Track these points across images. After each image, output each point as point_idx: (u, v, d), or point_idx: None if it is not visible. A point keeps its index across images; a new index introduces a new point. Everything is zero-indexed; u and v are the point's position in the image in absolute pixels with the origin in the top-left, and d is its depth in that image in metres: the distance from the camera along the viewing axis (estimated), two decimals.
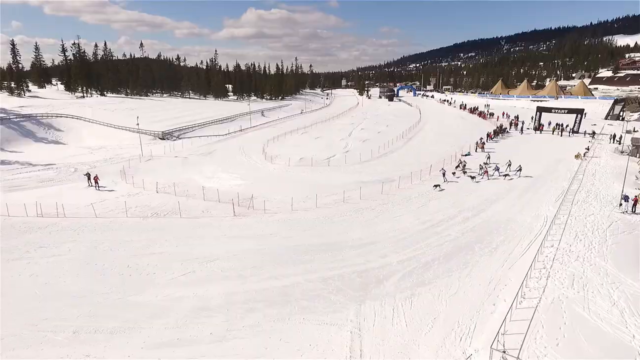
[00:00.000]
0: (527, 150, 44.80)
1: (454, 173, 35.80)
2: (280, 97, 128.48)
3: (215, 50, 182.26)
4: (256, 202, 30.28)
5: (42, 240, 24.58)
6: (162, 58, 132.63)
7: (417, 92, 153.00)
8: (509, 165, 35.56)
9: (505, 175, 34.27)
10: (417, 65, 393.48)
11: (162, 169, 43.13)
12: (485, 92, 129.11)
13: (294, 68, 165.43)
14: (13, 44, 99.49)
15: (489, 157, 39.76)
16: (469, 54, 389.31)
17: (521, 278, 17.65)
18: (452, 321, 15.53)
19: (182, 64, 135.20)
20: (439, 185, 32.71)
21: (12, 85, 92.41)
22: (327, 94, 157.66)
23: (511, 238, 22.57)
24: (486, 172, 34.96)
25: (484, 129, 56.93)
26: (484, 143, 46.10)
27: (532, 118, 60.04)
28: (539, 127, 56.21)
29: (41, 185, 37.43)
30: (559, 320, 15.06)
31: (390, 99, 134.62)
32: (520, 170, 34.51)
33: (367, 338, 14.87)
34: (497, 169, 35.53)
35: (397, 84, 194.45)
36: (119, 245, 23.60)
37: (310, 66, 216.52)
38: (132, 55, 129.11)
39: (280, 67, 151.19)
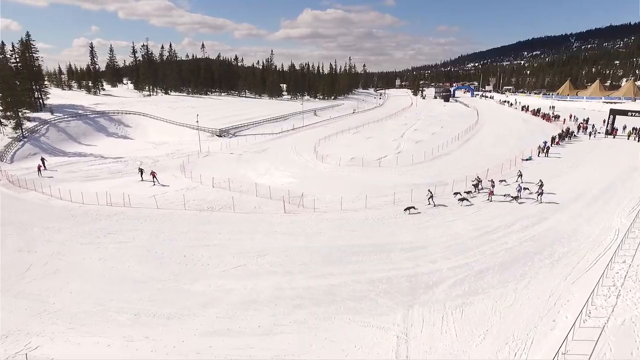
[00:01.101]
0: (597, 156, 41.33)
1: (468, 192, 30.60)
2: (332, 97, 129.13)
3: (271, 51, 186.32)
4: (306, 201, 30.65)
5: (111, 227, 26.66)
6: (222, 58, 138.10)
7: (475, 93, 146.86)
8: (541, 185, 29.00)
9: (515, 197, 28.59)
10: (476, 64, 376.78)
11: (218, 164, 44.99)
12: (551, 93, 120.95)
13: (347, 68, 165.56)
14: (92, 47, 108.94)
15: (520, 175, 33.10)
16: (534, 53, 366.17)
17: (586, 294, 16.29)
18: (506, 335, 14.72)
19: (239, 64, 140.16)
20: (412, 208, 27.70)
21: (90, 84, 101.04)
22: (380, 94, 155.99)
23: (576, 250, 20.93)
24: (491, 192, 29.66)
25: (548, 133, 53.30)
26: (548, 147, 43.16)
27: (604, 121, 55.17)
28: (611, 132, 51.58)
29: (111, 176, 40.58)
30: (630, 345, 13.72)
31: (446, 99, 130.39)
32: (541, 194, 28.22)
33: (414, 344, 14.52)
34: (520, 189, 29.29)
35: (454, 84, 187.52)
36: (177, 235, 24.99)
37: (364, 66, 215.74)
38: (194, 55, 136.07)
39: (334, 67, 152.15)
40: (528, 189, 29.56)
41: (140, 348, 14.62)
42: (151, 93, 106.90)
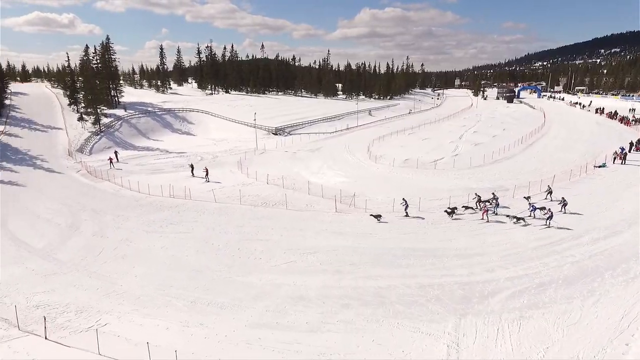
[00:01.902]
0: None
1: (467, 208, 27.66)
2: (388, 97, 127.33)
3: (328, 51, 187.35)
4: (358, 200, 30.52)
5: (172, 218, 28.39)
6: (280, 58, 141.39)
7: (543, 94, 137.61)
8: (564, 205, 26.31)
9: (518, 218, 25.30)
10: (544, 63, 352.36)
11: (273, 162, 46.14)
12: (632, 95, 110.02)
13: (404, 67, 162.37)
14: (161, 49, 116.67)
15: (550, 192, 29.42)
16: (612, 50, 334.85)
17: None
18: (569, 354, 13.65)
19: (296, 64, 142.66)
20: (380, 217, 26.60)
21: (158, 83, 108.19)
22: (438, 94, 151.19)
23: None
24: (485, 210, 26.50)
25: (626, 138, 48.54)
26: (625, 154, 39.28)
27: None
28: None
29: (174, 170, 43.13)
30: None
31: (510, 100, 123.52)
32: (550, 218, 24.27)
33: (466, 355, 13.94)
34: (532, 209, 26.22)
35: (519, 84, 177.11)
36: (232, 228, 26.03)
37: (422, 65, 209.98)
38: (254, 56, 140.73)
39: (391, 67, 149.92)
40: (545, 208, 25.47)
41: (195, 334, 15.43)
42: (213, 92, 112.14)
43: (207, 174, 38.83)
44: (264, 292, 18.40)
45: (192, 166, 41.31)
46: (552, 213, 24.37)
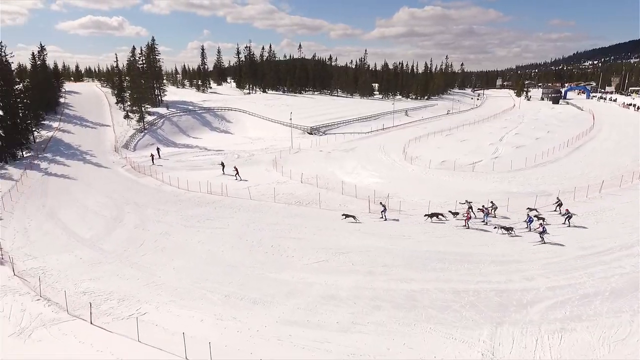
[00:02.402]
0: None
1: (455, 214, 26.55)
2: (426, 97, 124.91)
3: (365, 50, 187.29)
4: (392, 202, 30.13)
5: (209, 214, 29.23)
6: (316, 58, 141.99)
7: (592, 94, 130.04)
8: (568, 217, 24.89)
9: (507, 229, 23.97)
10: (595, 62, 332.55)
11: (308, 161, 46.46)
12: None
13: (443, 67, 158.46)
14: (203, 49, 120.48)
15: (559, 204, 27.64)
16: None
17: None
18: None
19: (333, 63, 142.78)
20: (354, 217, 26.59)
21: (199, 83, 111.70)
22: (479, 95, 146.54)
23: None
24: (468, 217, 25.47)
25: None
26: None
27: None
28: None
29: (212, 167, 44.31)
30: None
31: (555, 101, 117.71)
32: (543, 233, 22.63)
33: None
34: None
35: (566, 85, 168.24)
36: (266, 226, 26.47)
37: (462, 65, 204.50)
38: (291, 56, 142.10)
39: (429, 66, 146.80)
40: (544, 219, 24.36)
41: (228, 327, 15.83)
42: (251, 91, 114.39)
43: (237, 172, 39.64)
44: (295, 289, 18.59)
45: (222, 164, 42.36)
46: (544, 228, 22.81)
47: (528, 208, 26.71)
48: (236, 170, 39.81)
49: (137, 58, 76.76)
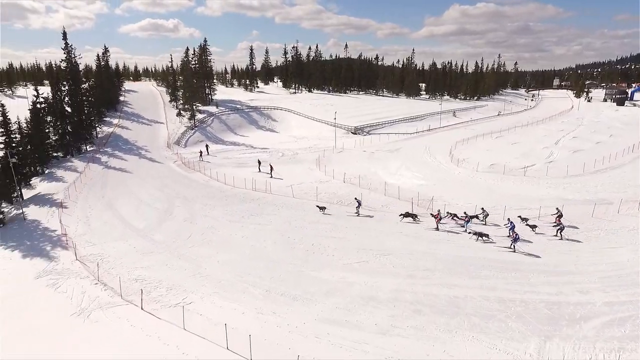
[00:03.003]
0: None
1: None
2: (475, 97, 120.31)
3: (413, 49, 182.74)
4: (436, 205, 29.40)
5: (253, 210, 30.01)
6: (363, 58, 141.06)
7: None
8: (560, 229, 23.91)
9: (481, 235, 23.64)
10: None
11: (351, 161, 46.36)
12: None
13: (495, 66, 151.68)
14: (251, 50, 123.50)
15: (559, 216, 25.50)
16: None
17: None
18: None
19: (379, 63, 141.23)
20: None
21: (247, 82, 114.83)
22: (533, 95, 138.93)
23: None
24: (439, 219, 25.71)
25: None
26: None
27: None
28: None
29: (257, 164, 45.43)
30: None
31: (620, 102, 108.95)
32: (515, 241, 22.15)
33: None
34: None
35: (633, 85, 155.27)
36: (307, 224, 26.76)
37: (515, 64, 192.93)
38: (337, 55, 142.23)
39: (480, 65, 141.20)
40: (536, 226, 24.43)
41: (267, 321, 16.21)
42: (296, 91, 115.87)
43: (271, 170, 40.50)
44: (335, 288, 18.66)
45: (259, 162, 43.45)
46: (517, 236, 22.04)
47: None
48: (271, 167, 40.77)
49: (190, 58, 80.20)
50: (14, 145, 36.91)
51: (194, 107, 65.78)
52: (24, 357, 15.01)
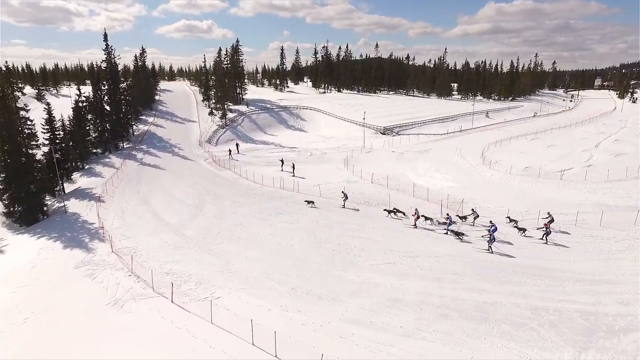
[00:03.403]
0: None
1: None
2: (510, 98, 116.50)
3: (445, 49, 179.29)
4: (466, 207, 28.74)
5: (281, 208, 30.32)
6: (393, 57, 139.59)
7: None
8: (547, 234, 23.43)
9: (457, 234, 24.21)
10: None
11: (379, 161, 45.99)
12: None
13: (531, 65, 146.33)
14: (282, 50, 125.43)
15: (550, 220, 24.28)
16: None
17: None
18: None
19: (410, 63, 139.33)
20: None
21: (277, 82, 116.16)
22: (572, 96, 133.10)
23: None
24: (417, 217, 26.36)
25: None
26: None
27: None
28: None
29: (286, 163, 45.82)
30: None
31: None
32: (491, 241, 22.19)
33: None
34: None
35: None
36: (334, 224, 26.77)
37: (554, 63, 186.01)
38: (367, 55, 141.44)
39: (515, 65, 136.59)
40: (526, 229, 24.37)
41: (293, 319, 16.35)
42: (326, 90, 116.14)
43: (293, 169, 40.98)
44: (360, 289, 18.58)
45: (282, 161, 43.89)
46: (492, 237, 22.15)
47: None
48: (293, 166, 41.28)
49: (223, 59, 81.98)
50: (57, 141, 38.96)
51: (225, 106, 67.20)
52: (62, 340, 15.82)
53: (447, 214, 26.48)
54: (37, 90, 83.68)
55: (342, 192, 31.21)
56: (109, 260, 22.13)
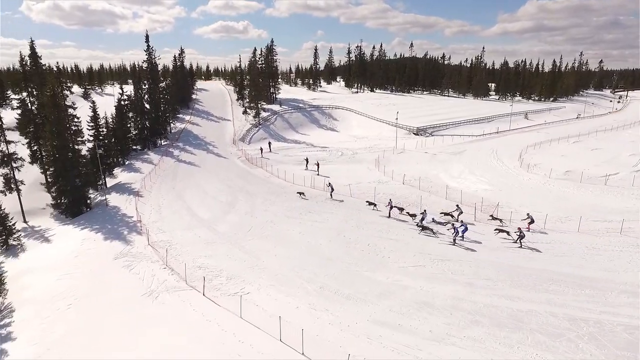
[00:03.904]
0: None
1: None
2: (551, 99, 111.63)
3: (483, 47, 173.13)
4: (501, 212, 27.84)
5: (311, 207, 30.49)
6: (428, 57, 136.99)
7: None
8: (520, 237, 23.13)
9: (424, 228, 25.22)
10: None
11: (411, 162, 45.30)
12: None
13: (575, 64, 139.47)
14: (316, 49, 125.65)
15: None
16: None
17: None
18: None
19: (446, 62, 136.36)
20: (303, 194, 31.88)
21: (310, 81, 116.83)
22: (620, 97, 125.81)
23: None
24: (391, 208, 28.31)
25: None
26: None
27: None
28: None
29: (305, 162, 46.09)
30: None
31: None
32: (456, 235, 23.34)
33: None
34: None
35: None
36: (364, 224, 26.63)
37: (600, 62, 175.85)
38: (402, 55, 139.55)
39: (558, 64, 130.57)
40: (508, 233, 24.14)
41: (320, 317, 16.42)
42: (358, 90, 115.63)
43: (318, 168, 41.35)
44: (389, 291, 18.40)
45: (307, 160, 44.41)
46: (456, 230, 23.22)
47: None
48: (318, 165, 41.67)
49: (257, 58, 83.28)
50: (101, 138, 40.95)
51: (259, 105, 68.28)
52: (102, 328, 16.66)
53: (424, 210, 27.23)
54: (83, 90, 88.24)
55: (329, 184, 33.48)
56: (145, 253, 23.05)
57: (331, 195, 33.02)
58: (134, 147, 51.35)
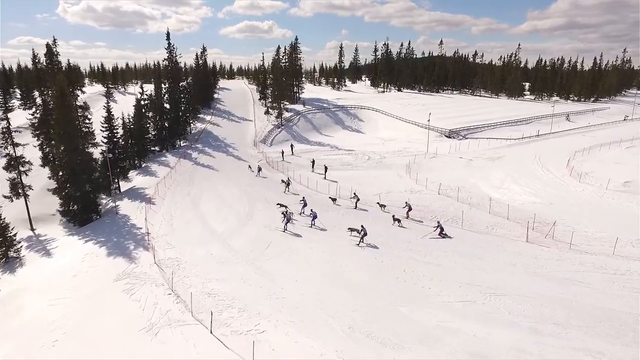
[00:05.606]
0: None
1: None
2: (592, 99, 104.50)
3: (518, 45, 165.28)
4: (558, 231, 23.91)
5: (336, 220, 27.10)
6: (458, 55, 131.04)
7: None
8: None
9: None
10: None
11: (445, 168, 41.54)
12: None
13: (617, 63, 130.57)
14: (341, 48, 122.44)
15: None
16: None
17: None
18: None
19: (477, 60, 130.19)
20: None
21: (335, 81, 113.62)
22: None
23: None
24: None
25: None
26: None
27: None
28: None
29: (342, 168, 42.91)
30: None
31: None
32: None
33: None
34: None
35: None
36: (399, 243, 23.19)
37: None
38: (430, 53, 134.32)
39: (599, 62, 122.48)
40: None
41: None
42: (385, 90, 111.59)
43: (325, 171, 39.22)
44: (432, 335, 15.01)
45: (313, 162, 42.27)
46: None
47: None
48: (325, 169, 39.43)
49: (281, 57, 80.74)
50: (115, 140, 38.99)
51: (282, 105, 65.61)
52: None
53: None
54: (106, 89, 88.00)
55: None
56: (150, 273, 20.42)
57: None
58: (152, 148, 49.49)
